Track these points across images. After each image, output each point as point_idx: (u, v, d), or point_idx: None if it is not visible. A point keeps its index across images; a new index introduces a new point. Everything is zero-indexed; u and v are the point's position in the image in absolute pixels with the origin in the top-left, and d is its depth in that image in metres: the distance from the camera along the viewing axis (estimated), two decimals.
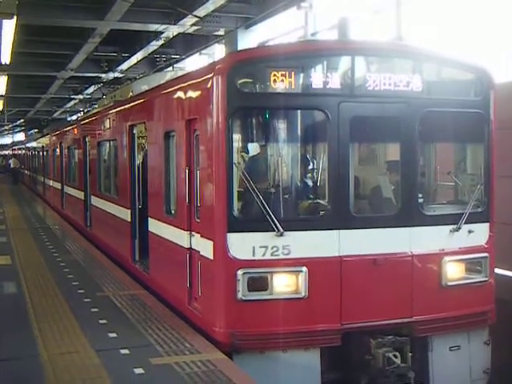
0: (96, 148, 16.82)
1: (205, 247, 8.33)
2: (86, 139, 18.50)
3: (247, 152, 8.81)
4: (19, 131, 79.91)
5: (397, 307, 8.22)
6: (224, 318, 7.94)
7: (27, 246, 16.07)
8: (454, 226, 8.53)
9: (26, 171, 47.86)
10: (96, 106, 24.96)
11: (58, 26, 22.11)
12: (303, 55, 8.24)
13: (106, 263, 13.49)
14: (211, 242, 8.10)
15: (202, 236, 8.51)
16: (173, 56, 24.57)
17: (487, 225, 8.86)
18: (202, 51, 24.10)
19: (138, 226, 12.25)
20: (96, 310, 9.62)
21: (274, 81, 7.82)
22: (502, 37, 11.55)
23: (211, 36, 22.26)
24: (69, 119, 45.01)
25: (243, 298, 7.74)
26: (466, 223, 8.56)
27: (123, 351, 7.68)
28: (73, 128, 21.86)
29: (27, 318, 9.18)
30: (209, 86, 8.15)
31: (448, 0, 12.95)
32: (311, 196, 9.07)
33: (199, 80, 8.71)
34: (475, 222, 8.69)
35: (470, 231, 8.64)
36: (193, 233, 8.91)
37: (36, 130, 58.17)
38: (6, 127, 71.64)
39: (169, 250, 9.95)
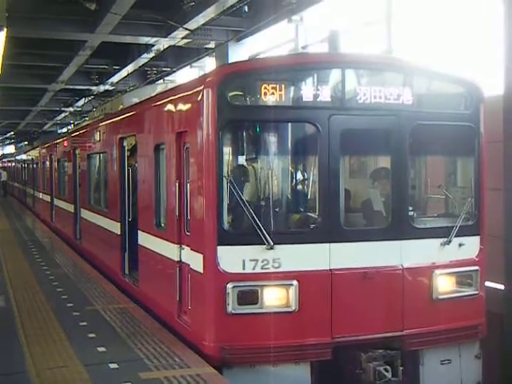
0: (86, 161, 16.77)
1: (195, 260, 8.28)
2: (76, 152, 18.45)
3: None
4: (9, 144, 79.70)
5: (387, 321, 8.20)
6: (214, 331, 7.89)
7: (16, 259, 15.96)
8: (445, 239, 8.52)
9: (15, 184, 47.71)
10: (87, 118, 24.92)
11: (48, 39, 22.07)
12: (294, 68, 8.24)
13: (95, 276, 13.40)
14: (201, 256, 8.06)
15: (191, 249, 8.47)
16: (163, 69, 24.57)
17: (478, 238, 8.86)
18: (193, 64, 24.10)
19: (127, 240, 12.19)
20: (85, 323, 9.54)
21: (265, 94, 7.81)
22: (490, 49, 11.60)
23: (202, 49, 22.28)
24: (59, 132, 44.93)
25: (233, 312, 7.70)
26: (456, 236, 8.55)
27: (112, 365, 7.61)
28: (63, 140, 21.81)
29: (15, 333, 9.09)
30: (199, 98, 8.13)
31: (438, 13, 13.00)
32: (302, 209, 9.06)
33: (190, 93, 8.69)
34: (466, 235, 8.69)
35: (460, 244, 8.63)
36: (182, 246, 8.87)
37: (26, 143, 58.03)
38: None
39: (158, 264, 9.89)
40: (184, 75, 24.16)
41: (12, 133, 64.39)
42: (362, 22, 15.17)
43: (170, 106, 9.58)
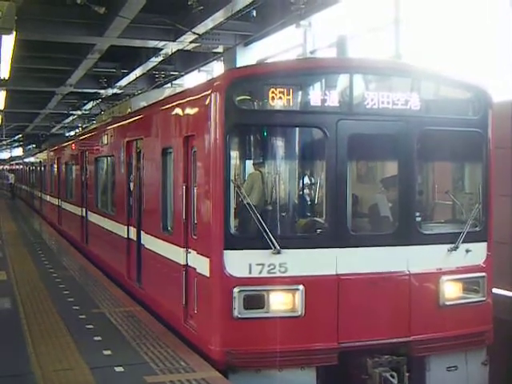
0: (94, 164, 16.80)
1: (201, 264, 8.28)
2: (84, 155, 18.48)
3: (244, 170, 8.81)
4: (17, 146, 79.93)
5: (394, 326, 8.17)
6: (220, 336, 7.88)
7: (23, 261, 15.99)
8: (452, 245, 8.49)
9: (23, 186, 47.83)
10: (94, 121, 24.97)
11: (57, 42, 22.18)
12: (302, 73, 8.23)
13: (102, 279, 13.41)
14: (207, 259, 8.05)
15: (198, 253, 8.46)
16: (172, 72, 24.66)
17: (485, 244, 8.82)
18: (201, 68, 24.15)
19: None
20: (91, 326, 9.54)
21: (273, 98, 7.81)
22: (499, 54, 11.57)
23: (210, 53, 22.32)
24: (67, 135, 45.05)
25: (239, 316, 7.68)
26: (463, 242, 8.52)
27: (118, 369, 7.61)
28: (70, 144, 21.85)
29: (22, 335, 9.10)
30: (207, 102, 8.13)
31: (446, 18, 12.99)
32: (309, 214, 9.04)
33: (197, 97, 8.70)
34: (473, 242, 8.65)
35: (467, 250, 8.60)
36: (189, 250, 8.86)
37: (34, 145, 58.18)
38: (4, 142, 71.68)
39: (165, 267, 9.89)
40: (192, 79, 24.21)
41: (20, 135, 64.57)
42: (370, 27, 15.18)
43: (177, 110, 9.59)
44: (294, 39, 18.46)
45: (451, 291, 8.51)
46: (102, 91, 29.99)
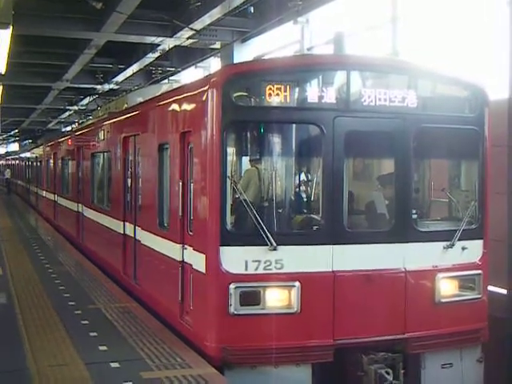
0: (90, 159, 16.78)
1: (197, 260, 8.28)
2: (80, 150, 18.45)
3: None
4: (13, 141, 79.81)
5: (390, 323, 8.18)
6: (215, 332, 7.88)
7: (18, 256, 15.97)
8: (448, 243, 8.51)
9: (19, 181, 47.78)
10: (91, 117, 24.93)
11: (53, 37, 22.14)
12: (299, 69, 8.24)
13: (97, 275, 13.40)
14: (204, 256, 8.05)
15: (194, 249, 8.46)
16: (168, 68, 24.62)
17: (481, 242, 8.84)
18: (198, 64, 24.14)
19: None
20: (87, 322, 9.53)
21: (270, 94, 7.81)
22: (496, 52, 11.58)
23: (207, 49, 22.32)
24: (63, 130, 44.98)
25: (235, 313, 7.69)
26: (459, 240, 8.54)
27: (113, 364, 7.60)
28: (67, 139, 21.82)
29: (17, 330, 9.08)
30: (204, 98, 8.13)
31: (444, 16, 12.99)
32: (305, 210, 9.05)
33: (194, 93, 8.69)
34: (469, 239, 8.67)
35: (463, 248, 8.62)
36: (185, 246, 8.86)
37: (30, 141, 58.12)
38: (0, 137, 71.58)
39: (161, 263, 9.88)
40: (189, 75, 24.19)
41: (16, 130, 64.47)
42: (367, 25, 15.18)
43: (174, 106, 9.58)
44: (291, 36, 18.46)
45: (447, 288, 8.53)
46: (98, 87, 29.94)
